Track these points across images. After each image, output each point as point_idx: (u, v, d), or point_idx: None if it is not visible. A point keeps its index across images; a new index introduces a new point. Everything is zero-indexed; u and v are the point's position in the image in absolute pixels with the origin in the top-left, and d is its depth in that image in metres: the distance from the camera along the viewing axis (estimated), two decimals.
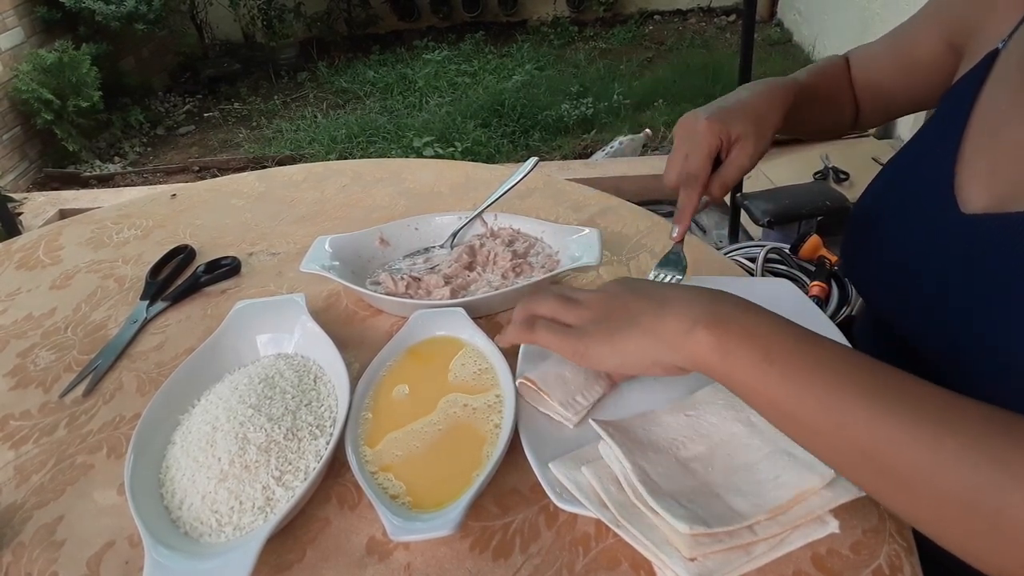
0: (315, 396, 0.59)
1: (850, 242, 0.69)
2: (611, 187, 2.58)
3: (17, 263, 0.88)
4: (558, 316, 0.50)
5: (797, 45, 4.29)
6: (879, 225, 0.64)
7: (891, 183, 0.66)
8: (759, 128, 0.62)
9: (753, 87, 0.66)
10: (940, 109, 0.63)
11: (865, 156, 2.53)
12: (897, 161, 0.66)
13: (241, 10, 4.84)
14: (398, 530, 0.45)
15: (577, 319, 0.49)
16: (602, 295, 0.50)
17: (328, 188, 1.01)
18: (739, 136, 0.62)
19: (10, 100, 3.55)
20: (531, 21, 5.22)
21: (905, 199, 0.62)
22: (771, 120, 0.64)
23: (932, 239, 0.57)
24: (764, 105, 0.64)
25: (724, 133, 0.61)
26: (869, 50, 0.75)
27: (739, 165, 0.62)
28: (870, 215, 0.67)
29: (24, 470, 0.58)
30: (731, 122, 0.61)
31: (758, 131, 0.62)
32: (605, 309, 0.49)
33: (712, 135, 0.61)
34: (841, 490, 0.44)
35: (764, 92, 0.65)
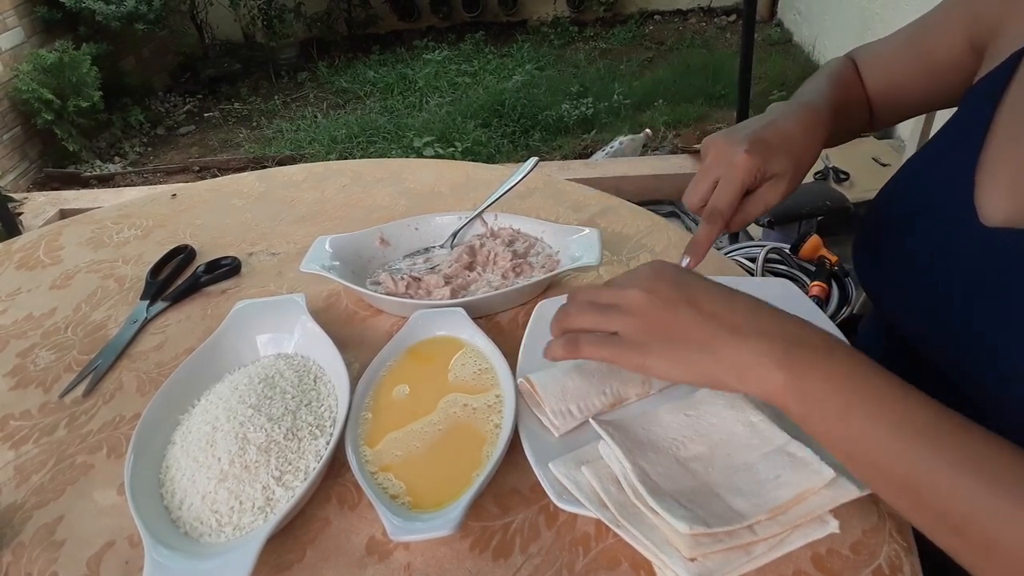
0: (315, 396, 0.59)
1: (862, 243, 0.67)
2: (611, 187, 2.58)
3: (17, 263, 0.88)
4: (599, 327, 0.48)
5: (797, 45, 4.29)
6: (894, 229, 0.62)
7: (908, 187, 0.63)
8: (797, 167, 0.57)
9: (796, 115, 0.60)
10: (961, 111, 0.60)
11: (865, 156, 2.53)
12: (915, 163, 0.64)
13: (241, 10, 4.84)
14: (398, 530, 0.45)
15: (623, 327, 0.47)
16: (646, 298, 0.47)
17: (328, 188, 1.01)
18: (775, 174, 0.57)
19: (10, 100, 3.55)
20: (531, 21, 5.22)
21: (922, 205, 0.60)
22: (809, 158, 0.59)
23: (949, 249, 0.55)
24: (807, 141, 0.59)
25: (761, 170, 0.56)
26: (881, 50, 0.71)
27: (766, 202, 0.58)
28: (885, 218, 0.64)
29: (24, 470, 0.58)
30: (771, 159, 0.56)
31: (795, 170, 0.57)
32: (660, 321, 0.46)
33: (749, 172, 0.56)
34: (841, 490, 0.44)
35: (807, 125, 0.59)
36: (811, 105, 0.61)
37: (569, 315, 0.51)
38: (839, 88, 0.67)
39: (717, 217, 0.56)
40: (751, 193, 0.58)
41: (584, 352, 0.48)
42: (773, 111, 0.61)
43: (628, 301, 0.48)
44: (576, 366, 0.57)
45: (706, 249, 0.58)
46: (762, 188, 0.57)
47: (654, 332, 0.46)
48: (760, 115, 0.61)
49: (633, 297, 0.47)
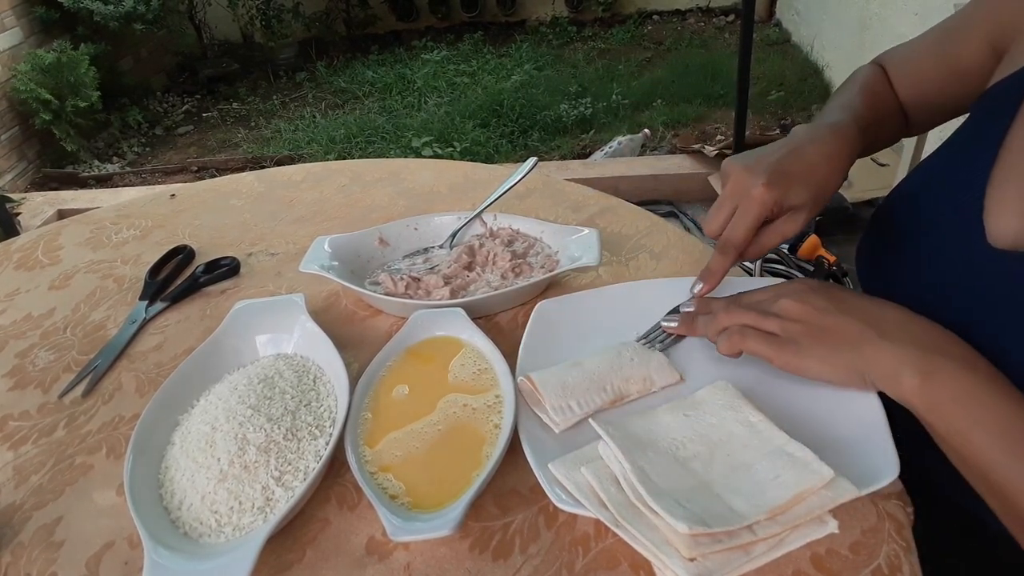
0: (314, 396, 0.59)
1: (867, 249, 0.66)
2: (610, 187, 2.59)
3: (16, 263, 0.88)
4: (759, 325, 0.53)
5: (796, 45, 4.29)
6: (900, 240, 0.61)
7: (917, 196, 0.62)
8: (817, 198, 0.56)
9: (822, 141, 0.57)
10: (974, 120, 0.58)
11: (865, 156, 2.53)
12: (924, 171, 0.62)
13: (240, 10, 4.83)
14: (398, 530, 0.45)
15: (782, 329, 0.51)
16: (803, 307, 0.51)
17: (327, 188, 1.01)
18: (794, 207, 0.56)
19: (8, 100, 3.55)
20: (530, 21, 5.22)
21: (930, 218, 0.58)
22: (831, 187, 0.57)
23: (955, 267, 0.54)
24: (829, 171, 0.56)
25: (779, 203, 0.55)
26: (909, 55, 0.69)
27: (783, 234, 0.57)
28: (892, 226, 0.63)
29: (23, 470, 0.58)
30: (791, 192, 0.55)
31: (815, 202, 0.56)
32: (817, 326, 0.50)
33: (765, 205, 0.55)
34: (841, 490, 0.44)
35: (831, 154, 0.57)
36: (838, 128, 0.59)
37: (729, 314, 0.54)
38: (869, 100, 0.66)
39: (731, 249, 0.57)
40: (769, 223, 0.57)
41: (748, 345, 0.52)
42: (798, 134, 0.59)
43: (784, 309, 0.52)
44: (576, 363, 0.57)
45: (719, 279, 0.59)
46: (781, 220, 0.57)
47: (809, 335, 0.50)
48: (785, 139, 0.59)
49: (788, 305, 0.52)
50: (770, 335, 0.52)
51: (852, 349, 0.48)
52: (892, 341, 0.47)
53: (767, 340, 0.52)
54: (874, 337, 0.48)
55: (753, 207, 0.55)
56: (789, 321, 0.51)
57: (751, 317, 0.53)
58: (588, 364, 0.57)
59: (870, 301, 0.51)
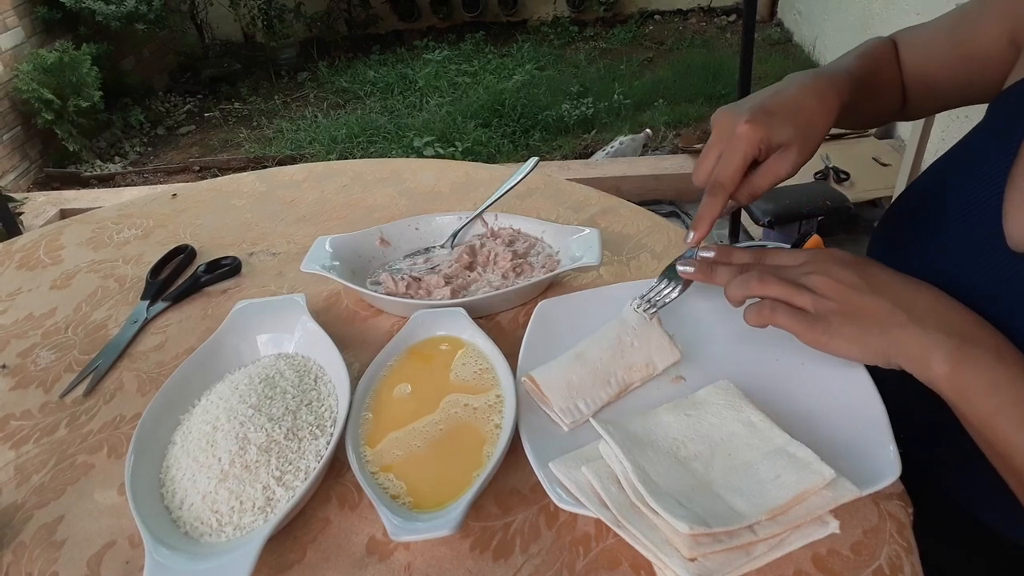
0: (315, 396, 0.59)
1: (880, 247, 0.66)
2: (611, 187, 2.59)
3: (18, 263, 0.89)
4: (788, 299, 0.51)
5: (797, 45, 4.29)
6: (916, 239, 0.60)
7: (929, 194, 0.61)
8: (806, 136, 0.55)
9: (803, 82, 0.57)
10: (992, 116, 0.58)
11: (865, 156, 2.53)
12: (938, 169, 0.61)
13: (241, 10, 4.84)
14: (398, 530, 0.45)
15: (815, 306, 0.50)
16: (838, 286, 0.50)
17: (328, 188, 1.01)
18: (782, 144, 0.54)
19: (10, 100, 3.55)
20: (531, 21, 5.22)
21: (948, 219, 0.57)
22: (820, 126, 0.56)
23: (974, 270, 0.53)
24: (815, 108, 0.55)
25: (765, 140, 0.54)
26: (922, 35, 0.68)
27: (775, 174, 0.55)
28: (904, 222, 0.63)
29: (24, 470, 0.58)
30: (775, 128, 0.54)
31: (804, 139, 0.54)
32: (849, 304, 0.49)
33: (751, 142, 0.54)
34: (841, 490, 0.44)
35: (817, 92, 0.56)
36: (826, 73, 0.59)
37: (762, 283, 0.52)
38: (868, 62, 0.65)
39: (719, 189, 0.55)
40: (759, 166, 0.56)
41: (779, 320, 0.51)
42: (786, 80, 0.59)
43: (815, 283, 0.51)
44: (576, 357, 0.57)
45: (710, 222, 0.56)
46: (771, 160, 0.56)
47: (839, 313, 0.49)
48: (771, 85, 0.59)
49: (820, 281, 0.51)
50: (800, 310, 0.51)
51: (882, 331, 0.47)
52: (922, 326, 0.46)
53: (797, 316, 0.50)
54: (905, 321, 0.47)
55: (739, 145, 0.54)
56: (820, 297, 0.50)
57: (783, 290, 0.51)
58: (590, 355, 0.57)
59: (903, 280, 0.50)
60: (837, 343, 0.49)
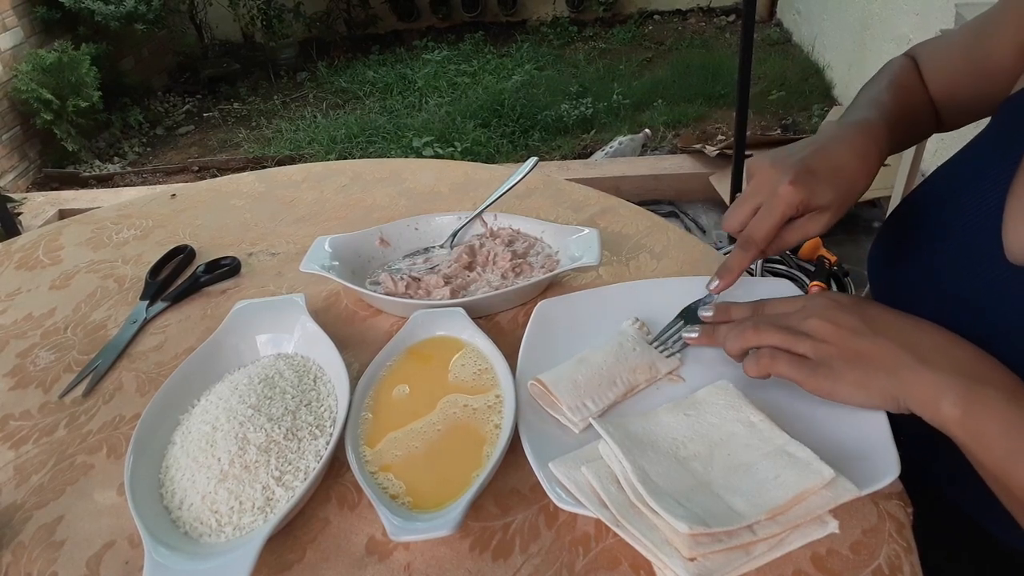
0: (315, 396, 0.59)
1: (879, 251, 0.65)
2: (610, 187, 2.59)
3: (17, 263, 0.88)
4: (788, 347, 0.50)
5: (796, 45, 4.29)
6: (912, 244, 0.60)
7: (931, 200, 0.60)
8: (844, 200, 0.54)
9: (848, 141, 0.55)
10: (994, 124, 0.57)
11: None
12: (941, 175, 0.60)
13: (240, 10, 4.83)
14: (398, 530, 0.45)
15: (814, 352, 0.49)
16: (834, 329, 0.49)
17: (328, 188, 1.01)
18: (820, 207, 0.54)
19: (10, 100, 3.55)
20: (531, 21, 5.22)
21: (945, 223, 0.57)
22: (860, 188, 0.55)
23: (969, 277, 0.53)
24: (857, 171, 0.54)
25: (805, 203, 0.53)
26: (940, 50, 0.67)
27: (806, 233, 0.55)
28: (908, 227, 0.62)
29: (24, 470, 0.58)
30: (817, 191, 0.53)
31: (841, 204, 0.54)
32: (851, 348, 0.48)
33: (791, 205, 0.53)
34: (841, 490, 0.44)
35: (861, 153, 0.55)
36: (867, 127, 0.57)
37: (758, 332, 0.52)
38: (899, 96, 0.64)
39: (752, 246, 0.55)
40: (792, 221, 0.56)
41: (779, 368, 0.50)
42: (825, 132, 0.57)
43: (814, 328, 0.50)
44: (582, 360, 0.57)
45: (737, 275, 0.57)
46: (805, 219, 0.55)
47: (842, 358, 0.48)
48: (812, 137, 0.58)
49: (818, 325, 0.50)
50: (800, 357, 0.50)
51: (889, 375, 0.46)
52: (931, 367, 0.45)
53: (798, 364, 0.49)
54: (912, 362, 0.46)
55: (779, 205, 0.53)
56: (821, 343, 0.49)
57: (781, 338, 0.51)
58: (594, 359, 0.57)
59: (905, 320, 0.49)
60: (842, 388, 0.48)
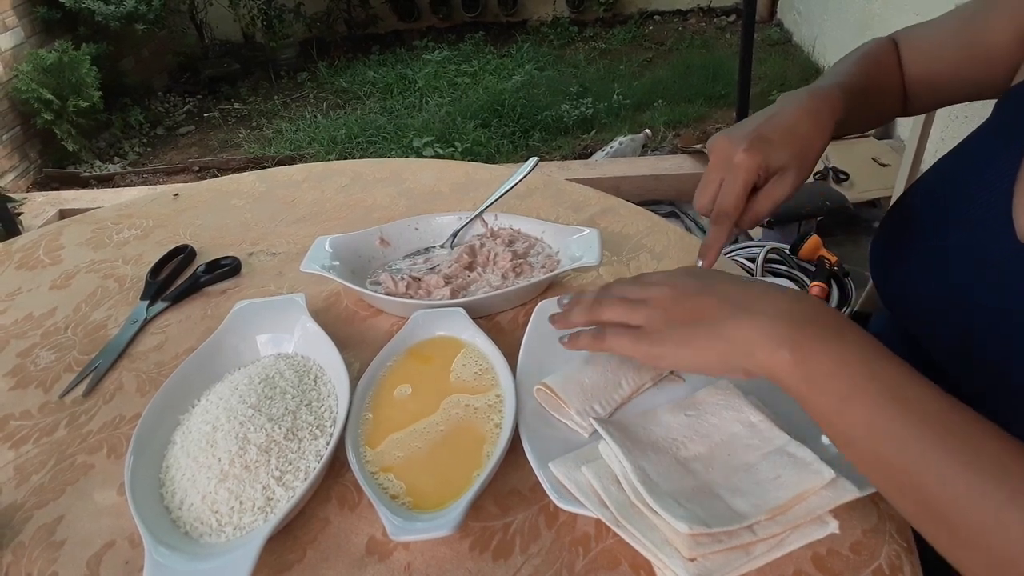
0: (315, 396, 0.59)
1: (884, 242, 0.65)
2: (611, 187, 2.58)
3: (17, 263, 0.88)
4: (626, 320, 0.49)
5: (797, 45, 4.29)
6: (922, 233, 0.60)
7: (934, 191, 0.61)
8: (802, 158, 0.56)
9: (798, 103, 0.58)
10: (1000, 113, 0.57)
11: (865, 156, 2.53)
12: (944, 167, 0.61)
13: (241, 10, 4.83)
14: (398, 530, 0.45)
15: (647, 320, 0.48)
16: (671, 291, 0.48)
17: (328, 188, 1.01)
18: (779, 168, 0.56)
19: (10, 100, 3.55)
20: (531, 21, 5.22)
21: (949, 212, 0.57)
22: (816, 147, 0.57)
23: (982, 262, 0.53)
24: (810, 130, 0.56)
25: (763, 167, 0.55)
26: (927, 35, 0.68)
27: (774, 199, 0.57)
28: (910, 218, 0.62)
29: (24, 470, 0.58)
30: (772, 154, 0.55)
31: (800, 162, 0.56)
32: (678, 310, 0.47)
33: (750, 171, 0.55)
34: (841, 490, 0.44)
35: (810, 112, 0.57)
36: (820, 91, 0.59)
37: (600, 306, 0.51)
38: (866, 66, 0.65)
39: (724, 218, 0.56)
40: (758, 191, 0.57)
41: (607, 344, 0.49)
42: (779, 101, 0.60)
43: (653, 295, 0.49)
44: (586, 361, 0.57)
45: (718, 251, 0.58)
46: (769, 184, 0.57)
47: (671, 320, 0.47)
48: (765, 108, 0.60)
49: (658, 292, 0.49)
50: (633, 329, 0.48)
51: (711, 329, 0.44)
52: (754, 314, 0.43)
53: (625, 335, 0.48)
54: (735, 312, 0.44)
55: (739, 173, 0.55)
56: (656, 309, 0.48)
57: (620, 311, 0.49)
58: (599, 359, 0.57)
59: (739, 279, 0.48)
60: (668, 351, 0.46)
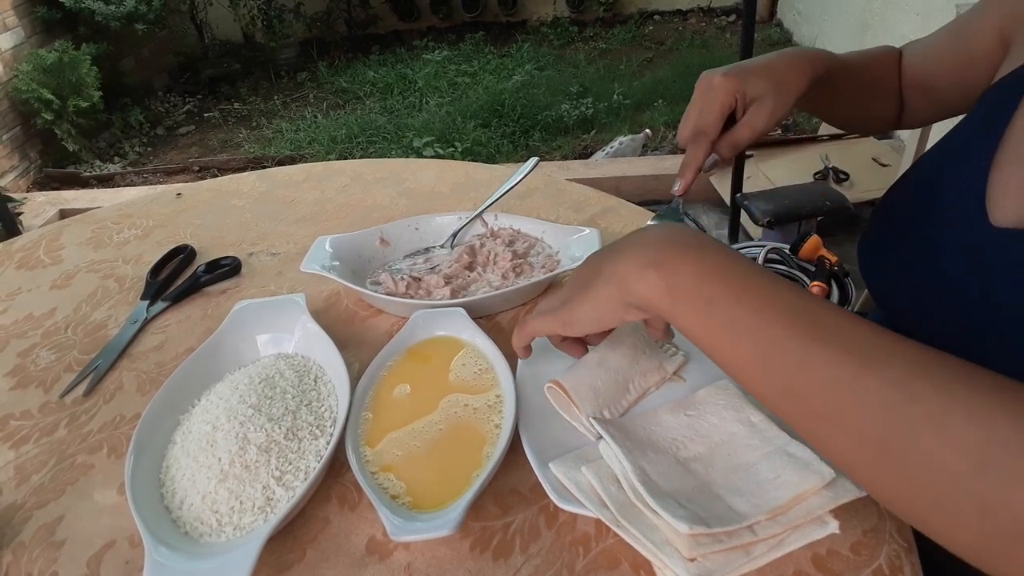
0: (315, 396, 0.59)
1: (869, 236, 0.67)
2: (611, 187, 2.59)
3: (18, 263, 0.88)
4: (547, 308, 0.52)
5: (797, 45, 4.29)
6: (902, 225, 0.62)
7: (919, 183, 0.63)
8: (779, 90, 0.59)
9: (781, 51, 0.63)
10: (979, 110, 0.59)
11: (865, 156, 2.53)
12: (927, 161, 0.63)
13: (241, 10, 4.84)
14: (398, 530, 0.45)
15: (560, 299, 0.50)
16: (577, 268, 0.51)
17: (328, 188, 1.01)
18: (756, 96, 0.59)
19: (10, 100, 3.55)
20: (531, 21, 5.22)
21: (933, 203, 0.59)
22: (793, 84, 0.60)
23: (958, 247, 0.55)
24: (788, 68, 0.61)
25: (740, 91, 0.58)
26: (926, 43, 0.71)
27: (752, 126, 0.60)
28: (894, 213, 0.64)
29: (24, 470, 0.58)
30: (749, 80, 0.59)
31: (778, 93, 0.59)
32: (578, 277, 0.50)
33: (727, 92, 0.58)
34: (841, 490, 0.44)
35: (789, 55, 0.62)
36: (805, 49, 0.64)
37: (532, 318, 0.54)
38: (861, 57, 0.68)
39: (702, 137, 0.59)
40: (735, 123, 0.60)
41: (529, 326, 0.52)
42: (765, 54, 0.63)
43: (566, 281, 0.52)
44: (599, 363, 0.57)
45: (695, 169, 0.60)
46: (748, 113, 0.60)
47: (571, 288, 0.49)
48: None
49: None
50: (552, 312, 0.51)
51: (596, 276, 0.47)
52: (624, 251, 0.45)
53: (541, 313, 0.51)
54: (610, 256, 0.47)
55: (716, 95, 0.59)
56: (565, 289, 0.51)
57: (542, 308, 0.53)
58: (612, 361, 0.57)
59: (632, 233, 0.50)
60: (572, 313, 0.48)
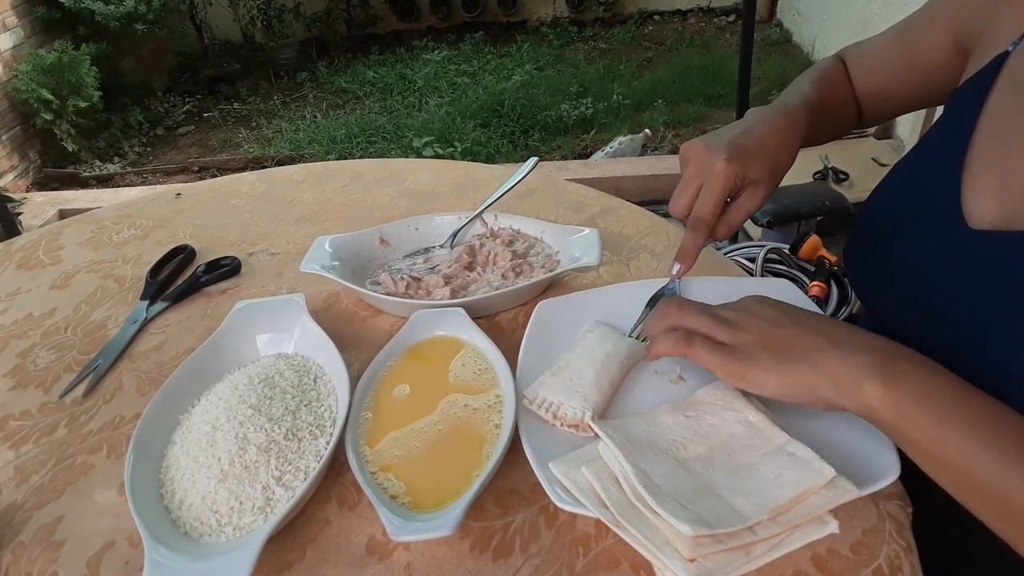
0: (315, 396, 0.59)
1: (854, 244, 0.68)
2: (610, 187, 2.58)
3: (17, 263, 0.88)
4: (712, 334, 0.50)
5: (796, 45, 4.29)
6: (883, 230, 0.63)
7: (896, 189, 0.64)
8: (774, 172, 0.60)
9: (769, 120, 0.61)
10: (947, 114, 0.61)
11: (865, 156, 2.53)
12: (903, 166, 0.64)
13: (241, 10, 4.84)
14: (398, 530, 0.45)
15: (734, 339, 0.49)
16: (759, 320, 0.49)
17: (328, 188, 1.01)
18: (754, 180, 0.59)
19: (10, 100, 3.55)
20: (531, 21, 5.22)
21: (910, 207, 0.60)
22: (785, 161, 0.61)
23: (936, 250, 0.56)
24: (781, 146, 0.60)
25: (740, 178, 0.58)
26: (869, 50, 0.72)
27: (748, 209, 0.59)
28: (875, 219, 0.65)
29: (24, 470, 0.58)
30: (749, 166, 0.58)
31: (772, 175, 0.60)
32: (769, 336, 0.48)
33: (728, 180, 0.57)
34: (841, 490, 0.44)
35: (782, 129, 0.61)
36: (787, 109, 0.62)
37: (683, 313, 0.52)
38: (821, 88, 0.69)
39: (701, 224, 0.58)
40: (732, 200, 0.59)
41: (695, 351, 0.49)
42: (750, 117, 0.62)
43: (735, 318, 0.50)
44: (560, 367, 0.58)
45: (694, 256, 0.60)
46: (742, 197, 0.59)
47: (761, 345, 0.48)
48: (737, 121, 0.62)
49: (740, 316, 0.50)
50: (719, 344, 0.49)
51: (803, 358, 0.46)
52: (845, 349, 0.45)
53: (714, 348, 0.49)
54: (826, 346, 0.46)
55: (718, 182, 0.57)
56: (740, 331, 0.49)
57: (702, 322, 0.51)
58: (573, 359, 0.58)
59: (822, 315, 0.51)
60: (756, 375, 0.47)
